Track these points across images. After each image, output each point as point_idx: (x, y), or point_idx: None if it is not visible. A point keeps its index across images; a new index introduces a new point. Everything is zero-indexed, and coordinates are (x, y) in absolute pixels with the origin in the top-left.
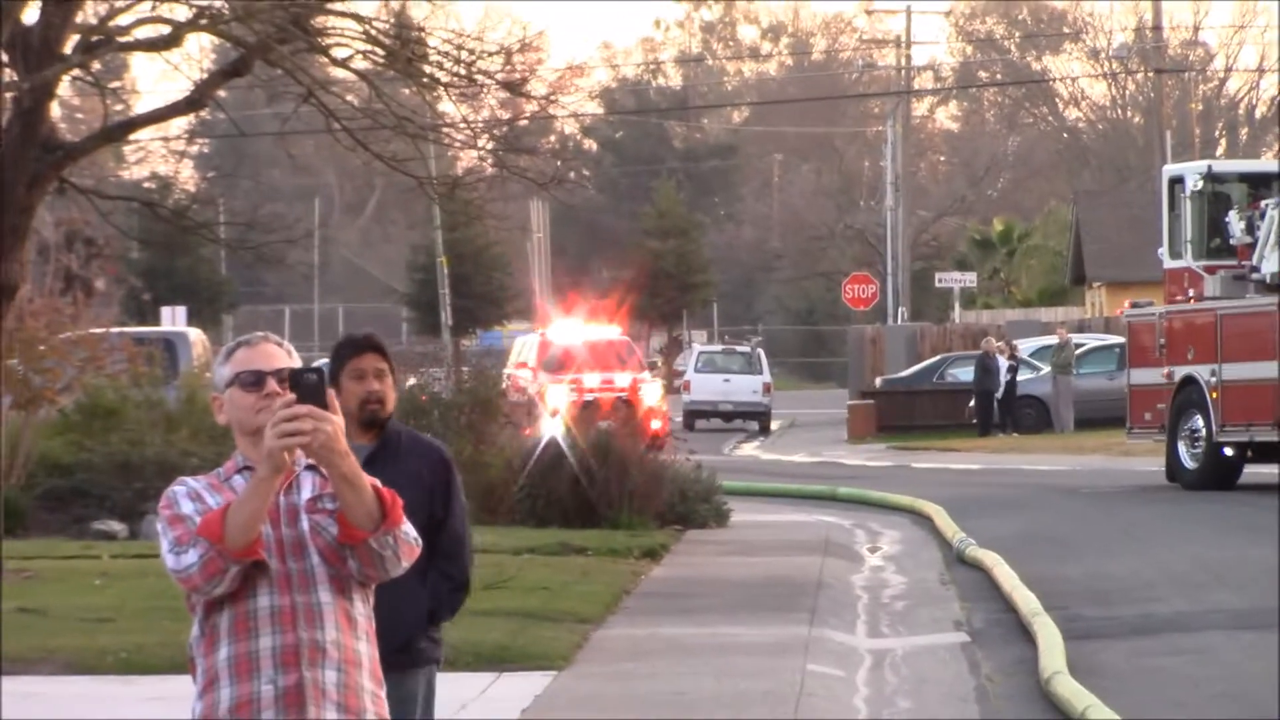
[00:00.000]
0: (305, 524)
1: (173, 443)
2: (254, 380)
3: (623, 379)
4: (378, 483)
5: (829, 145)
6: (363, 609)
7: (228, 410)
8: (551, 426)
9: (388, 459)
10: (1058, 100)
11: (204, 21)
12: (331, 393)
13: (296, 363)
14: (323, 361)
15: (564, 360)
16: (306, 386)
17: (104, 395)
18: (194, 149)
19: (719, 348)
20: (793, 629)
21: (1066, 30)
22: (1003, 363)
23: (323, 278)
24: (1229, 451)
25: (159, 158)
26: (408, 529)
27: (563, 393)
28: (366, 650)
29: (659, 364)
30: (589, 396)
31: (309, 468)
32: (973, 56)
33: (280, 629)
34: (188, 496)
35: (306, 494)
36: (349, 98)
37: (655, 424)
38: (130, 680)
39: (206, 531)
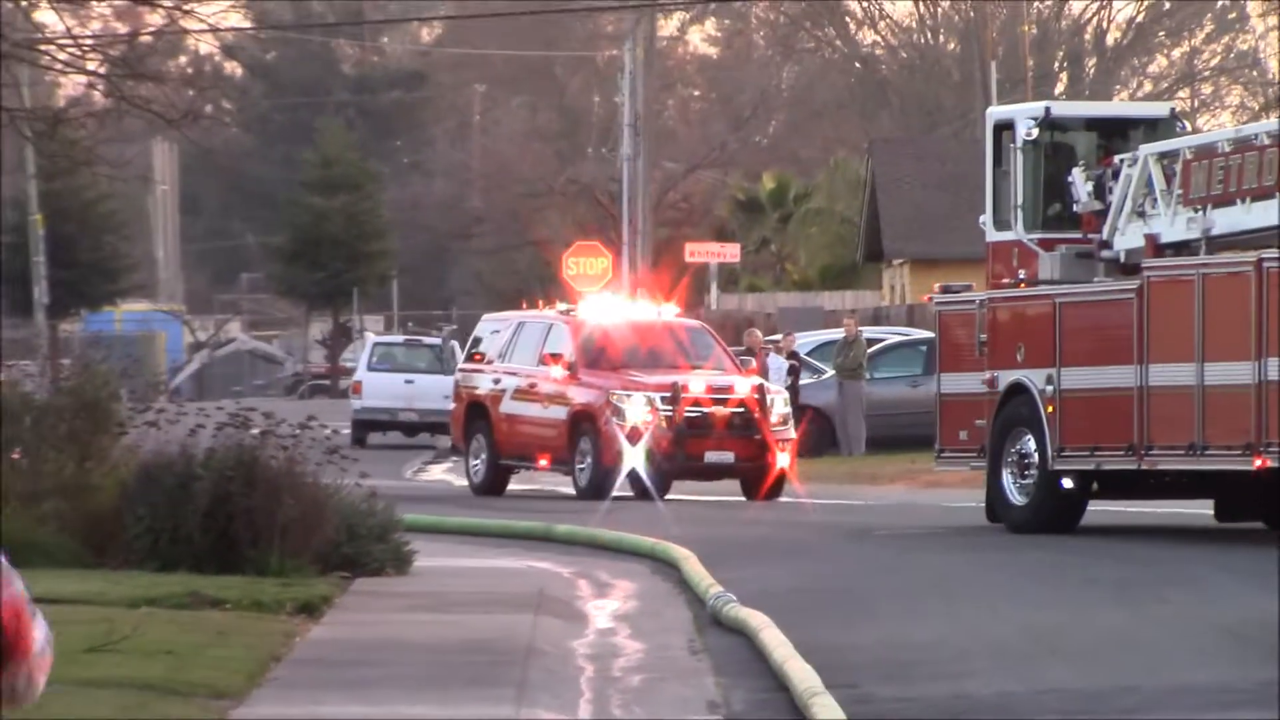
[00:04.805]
0: None
1: None
2: None
3: (743, 385)
4: None
5: (547, 74)
6: None
7: None
8: (632, 455)
9: None
10: (848, 20)
11: None
12: None
13: None
14: None
15: (608, 351)
16: None
17: None
18: None
19: (400, 338)
20: (495, 709)
21: None
22: (778, 362)
23: None
24: (1068, 484)
25: None
26: (39, 642)
27: (644, 404)
28: None
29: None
30: (693, 410)
31: None
32: None
33: None
34: None
35: None
36: None
37: (781, 455)
38: None
39: None
